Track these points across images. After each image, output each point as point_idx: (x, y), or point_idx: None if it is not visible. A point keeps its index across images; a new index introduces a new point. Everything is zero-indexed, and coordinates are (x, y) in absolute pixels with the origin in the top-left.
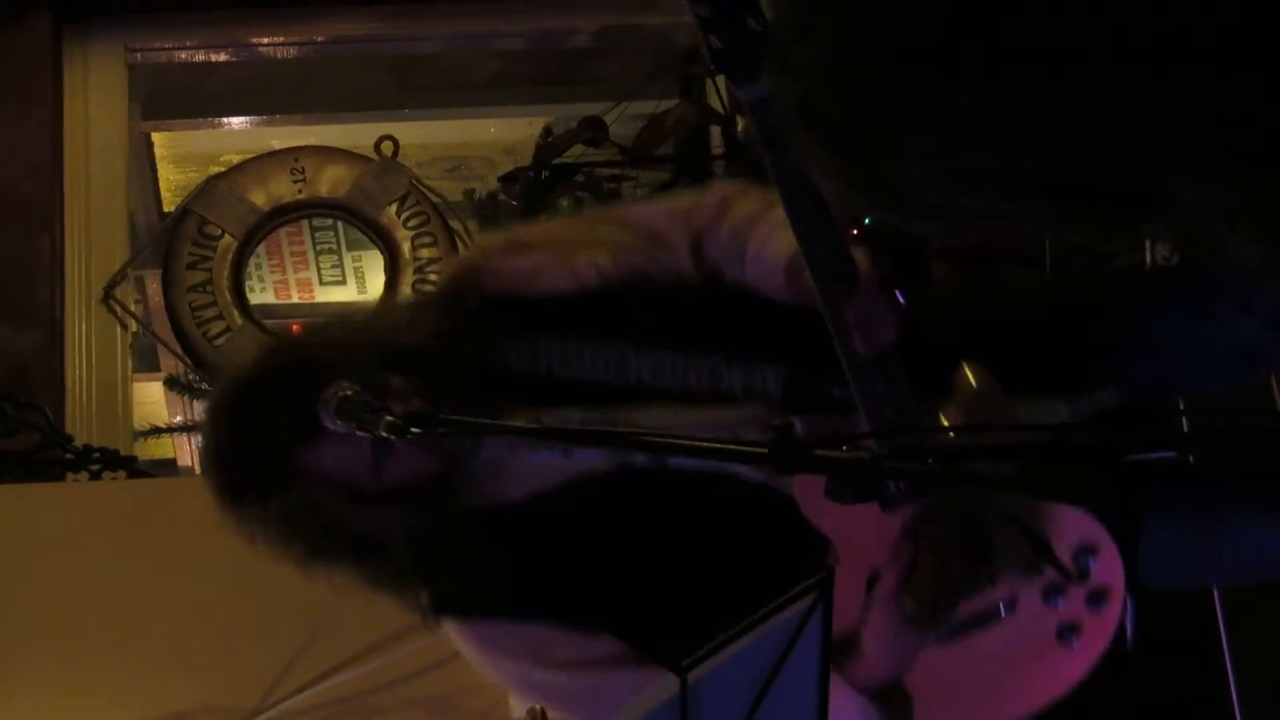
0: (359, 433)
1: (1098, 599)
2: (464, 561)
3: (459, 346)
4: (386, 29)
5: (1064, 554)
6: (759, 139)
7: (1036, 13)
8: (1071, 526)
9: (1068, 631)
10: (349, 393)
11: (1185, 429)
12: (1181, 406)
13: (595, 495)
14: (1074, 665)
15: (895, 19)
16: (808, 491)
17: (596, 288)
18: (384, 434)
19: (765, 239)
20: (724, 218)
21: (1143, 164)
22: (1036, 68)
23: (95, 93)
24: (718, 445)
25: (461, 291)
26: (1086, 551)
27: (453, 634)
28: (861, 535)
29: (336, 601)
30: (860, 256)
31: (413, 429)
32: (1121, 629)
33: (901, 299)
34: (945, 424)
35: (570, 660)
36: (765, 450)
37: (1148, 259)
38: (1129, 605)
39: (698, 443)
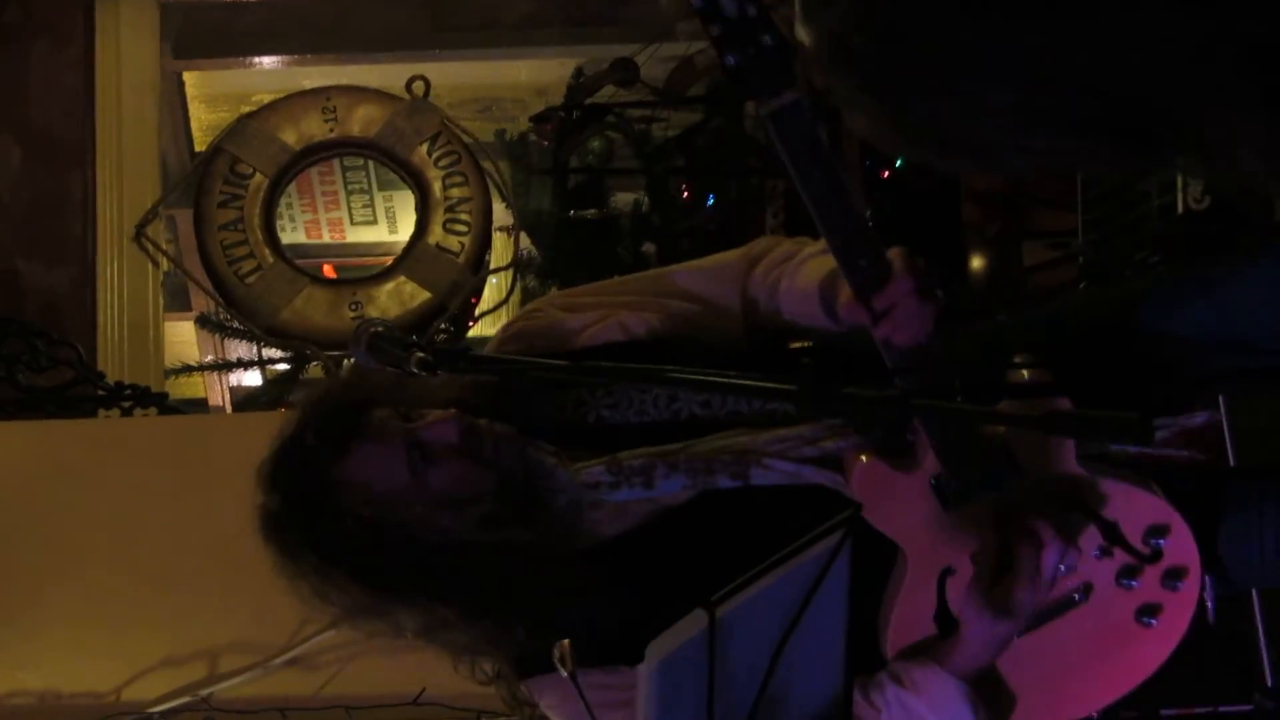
0: (389, 368)
1: (1174, 577)
2: (557, 597)
3: (511, 398)
4: None
5: (1134, 537)
6: (783, 153)
7: None
8: (1140, 509)
9: (1146, 612)
10: (380, 329)
11: None
12: None
13: (681, 523)
14: (1158, 645)
15: None
16: (872, 499)
17: (646, 340)
18: (414, 369)
19: (797, 269)
20: (758, 265)
21: (1176, 99)
22: (1070, 2)
23: (127, 31)
24: (746, 382)
25: (510, 351)
26: (1157, 532)
27: (540, 693)
28: (928, 536)
29: None
30: (896, 256)
31: (441, 365)
32: (1202, 606)
33: (940, 294)
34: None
35: None
36: (794, 389)
37: (1180, 201)
38: (1207, 582)
39: (728, 380)
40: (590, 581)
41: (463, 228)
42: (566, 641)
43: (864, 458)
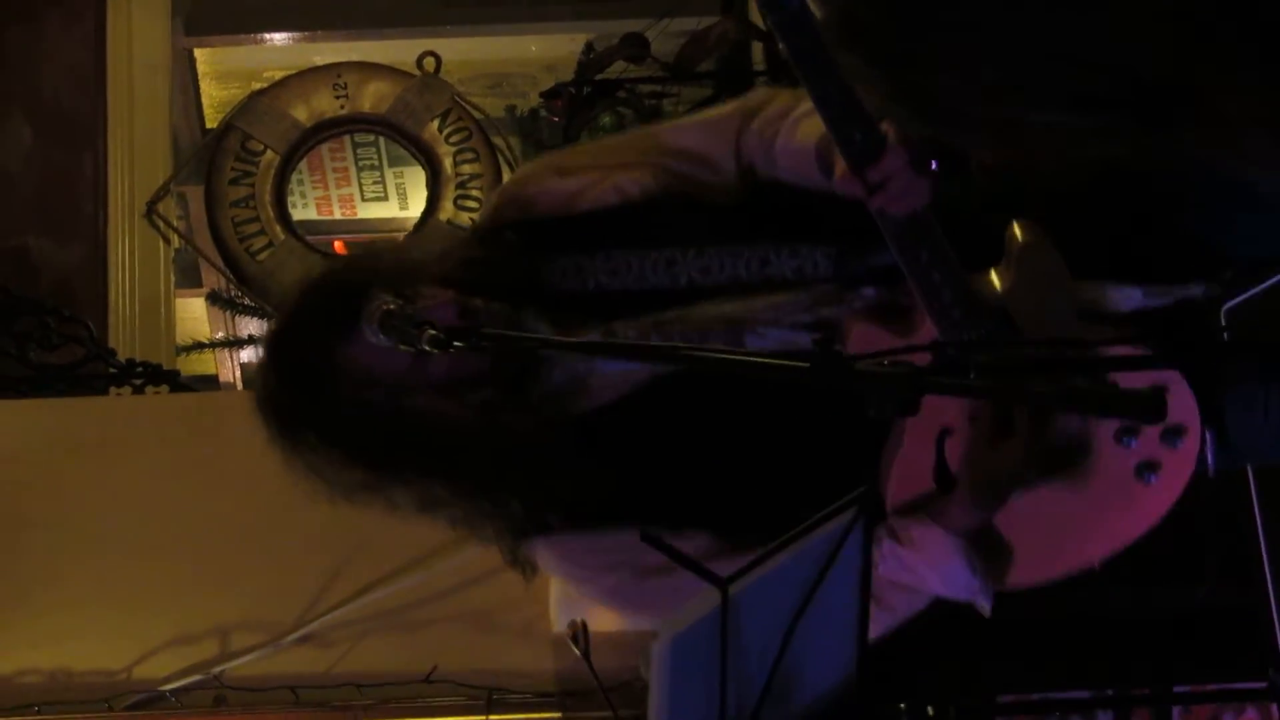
0: (401, 347)
1: (1173, 435)
2: (551, 473)
3: (503, 271)
4: None
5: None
6: (775, 26)
7: None
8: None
9: (1146, 469)
10: (391, 306)
11: None
12: None
13: (671, 393)
14: (1157, 501)
15: None
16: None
17: (640, 201)
18: (426, 348)
19: (793, 128)
20: (753, 120)
21: (1178, 70)
22: None
23: (138, 8)
24: (760, 360)
25: (502, 219)
26: (1158, 391)
27: (539, 556)
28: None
29: (378, 516)
30: (889, 128)
31: (455, 342)
32: (1202, 463)
33: (935, 166)
34: (996, 285)
35: (663, 565)
36: (807, 364)
37: None
38: (1208, 437)
39: (741, 357)
40: (585, 449)
41: (474, 204)
42: (580, 620)
43: (857, 327)
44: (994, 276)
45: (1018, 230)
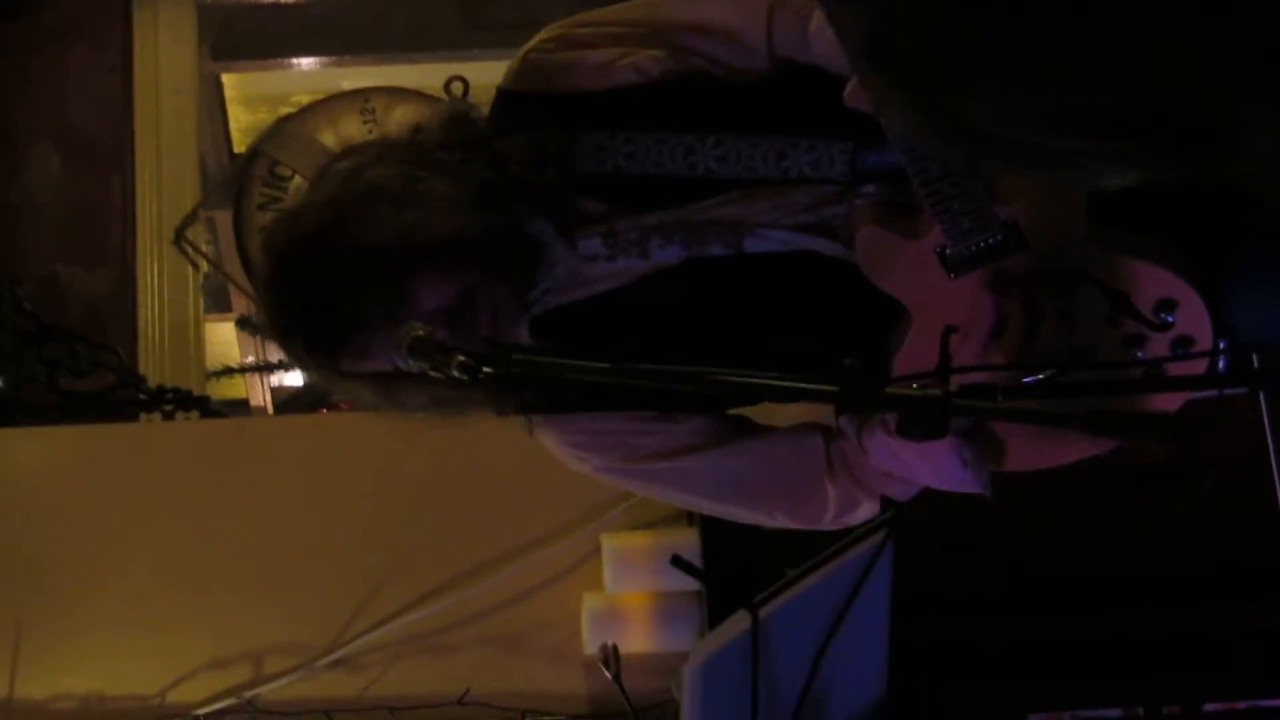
0: (432, 374)
1: (1182, 345)
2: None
3: (535, 163)
4: None
5: (1144, 309)
6: None
7: None
8: (1151, 283)
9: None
10: (420, 333)
11: None
12: None
13: (673, 284)
14: (1162, 403)
15: None
16: (873, 259)
17: (661, 81)
18: (456, 374)
19: None
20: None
21: (1212, 103)
22: (1110, 5)
23: (165, 34)
24: (789, 385)
25: (524, 88)
26: (1167, 306)
27: (540, 435)
28: (935, 297)
29: (410, 540)
30: None
31: (485, 369)
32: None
33: None
34: (1008, 197)
35: (656, 450)
36: (835, 389)
37: None
38: (1222, 348)
39: (770, 381)
40: (583, 333)
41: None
42: (612, 643)
43: (864, 230)
44: (1006, 186)
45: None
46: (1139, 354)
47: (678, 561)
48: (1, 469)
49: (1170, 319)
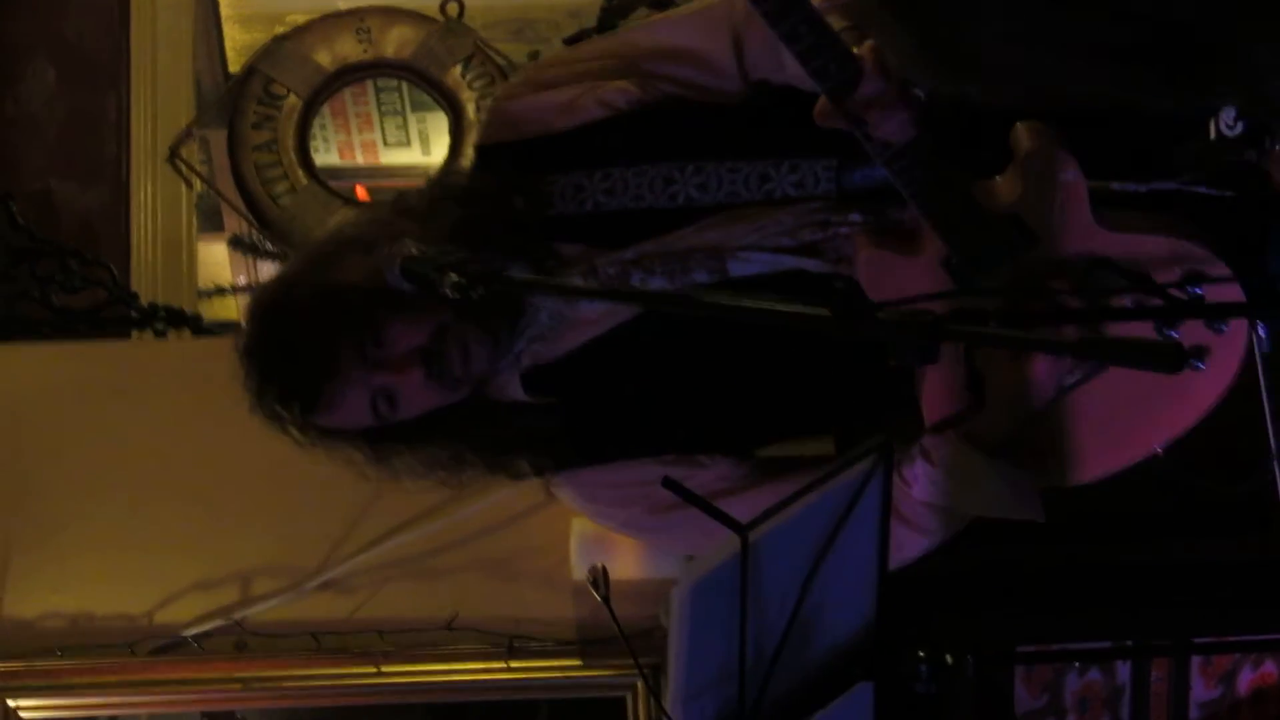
0: (423, 291)
1: (1218, 320)
2: (557, 414)
3: (504, 198)
4: None
5: (1169, 285)
6: None
7: None
8: (1172, 257)
9: (1193, 355)
10: (413, 251)
11: None
12: None
13: (663, 319)
14: (1211, 383)
15: None
16: (876, 282)
17: (629, 113)
18: (449, 293)
19: None
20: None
21: (1211, 25)
22: None
23: None
24: (780, 309)
25: (493, 139)
26: (1193, 279)
27: (557, 489)
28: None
29: (400, 462)
30: (867, 53)
31: (478, 286)
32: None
33: (919, 93)
34: (1005, 193)
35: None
36: (828, 313)
37: (1211, 130)
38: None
39: (760, 305)
40: (583, 386)
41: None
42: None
43: (864, 253)
44: (1001, 184)
45: (1023, 133)
46: (1175, 333)
47: (669, 484)
48: None
49: (1198, 291)
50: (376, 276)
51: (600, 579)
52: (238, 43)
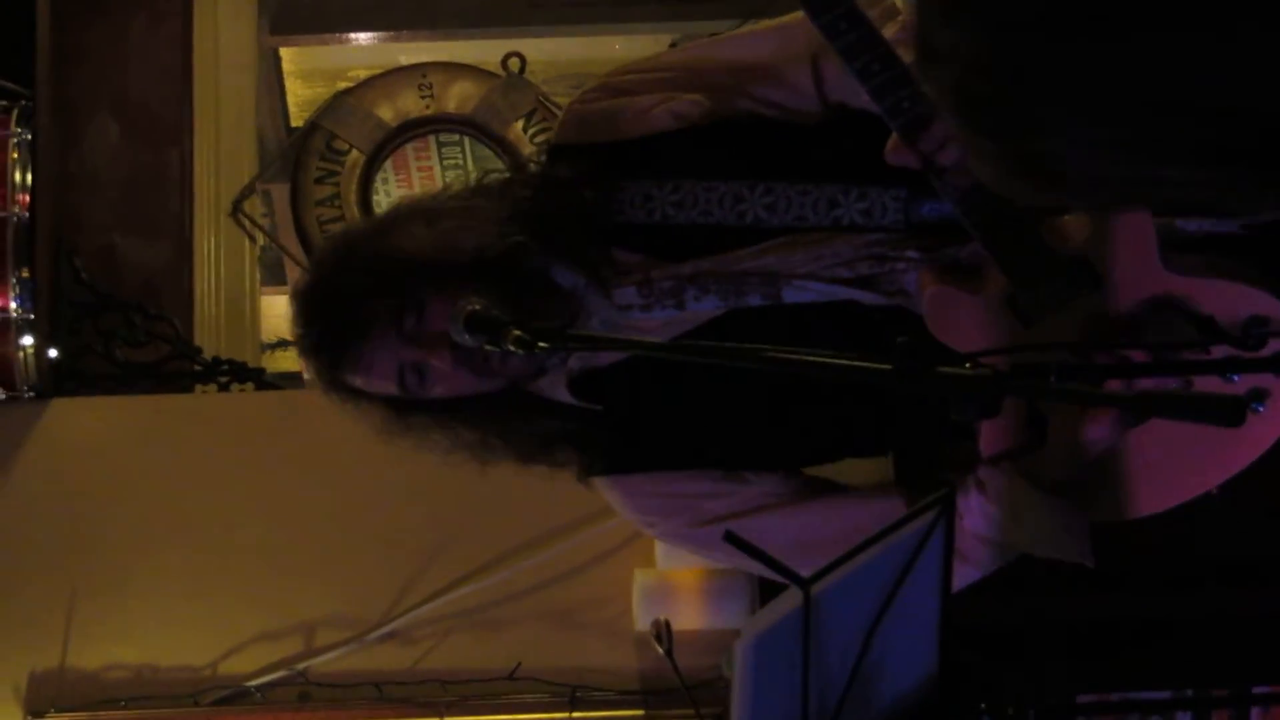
0: (487, 347)
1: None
2: (600, 420)
3: (576, 191)
4: None
5: (1233, 330)
6: (809, 7)
7: None
8: (1236, 302)
9: (1253, 399)
10: (477, 307)
11: None
12: None
13: (713, 338)
14: (1271, 425)
15: None
16: (940, 317)
17: (702, 125)
18: (511, 348)
19: None
20: None
21: None
22: (1206, 22)
23: (225, 7)
24: (840, 362)
25: (565, 140)
26: (1258, 323)
27: (604, 491)
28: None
29: (463, 514)
30: None
31: (540, 343)
32: None
33: None
34: (1072, 233)
35: (729, 511)
36: (888, 367)
37: None
38: None
39: (818, 358)
40: (628, 396)
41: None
42: (664, 619)
43: (930, 289)
44: (1069, 223)
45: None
46: (1235, 378)
47: (731, 538)
48: (58, 439)
49: (1263, 335)
50: (432, 249)
51: (663, 633)
52: (300, 98)
